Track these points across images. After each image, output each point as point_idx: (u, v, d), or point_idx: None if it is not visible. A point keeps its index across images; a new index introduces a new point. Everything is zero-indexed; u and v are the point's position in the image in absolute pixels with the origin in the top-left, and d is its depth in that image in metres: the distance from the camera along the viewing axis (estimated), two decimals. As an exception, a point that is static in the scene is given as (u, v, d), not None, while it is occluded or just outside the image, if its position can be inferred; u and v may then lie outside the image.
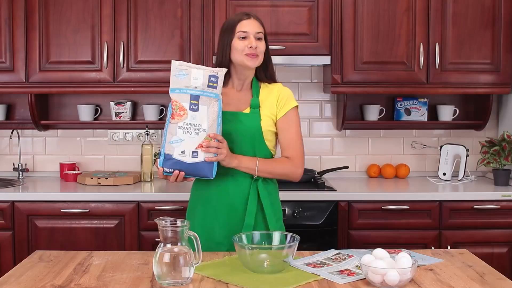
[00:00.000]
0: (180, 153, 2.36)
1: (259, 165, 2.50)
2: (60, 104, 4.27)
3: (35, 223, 3.62)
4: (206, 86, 2.36)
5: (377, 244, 3.43)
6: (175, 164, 2.37)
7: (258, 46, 2.54)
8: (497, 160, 3.92)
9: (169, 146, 2.36)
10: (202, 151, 2.36)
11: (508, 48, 3.96)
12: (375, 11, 3.91)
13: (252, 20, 2.57)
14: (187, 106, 2.35)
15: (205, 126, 2.36)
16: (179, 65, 2.38)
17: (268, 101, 2.58)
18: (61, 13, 3.88)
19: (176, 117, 2.35)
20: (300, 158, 2.59)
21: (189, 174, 2.39)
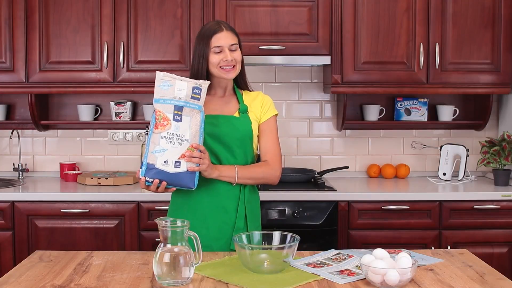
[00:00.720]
0: (163, 163, 2.36)
1: (238, 173, 2.53)
2: (60, 104, 4.27)
3: (35, 223, 3.62)
4: (189, 98, 2.37)
5: (377, 244, 3.44)
6: (158, 174, 2.36)
7: (234, 57, 2.57)
8: (497, 160, 3.92)
9: (151, 155, 2.36)
10: (185, 161, 2.37)
11: (508, 48, 3.96)
12: (375, 11, 3.91)
13: (225, 32, 2.57)
14: (170, 117, 2.36)
15: (188, 136, 2.36)
16: (164, 76, 2.39)
17: (253, 106, 2.65)
18: (61, 13, 3.88)
19: (160, 127, 2.36)
20: (278, 162, 2.64)
21: (171, 184, 2.39)
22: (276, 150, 2.65)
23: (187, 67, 3.86)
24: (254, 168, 2.58)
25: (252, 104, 2.65)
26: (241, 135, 2.57)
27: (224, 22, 2.64)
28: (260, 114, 2.65)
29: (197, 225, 2.50)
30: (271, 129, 2.66)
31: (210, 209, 2.56)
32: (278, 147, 2.66)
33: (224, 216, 2.55)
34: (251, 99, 2.67)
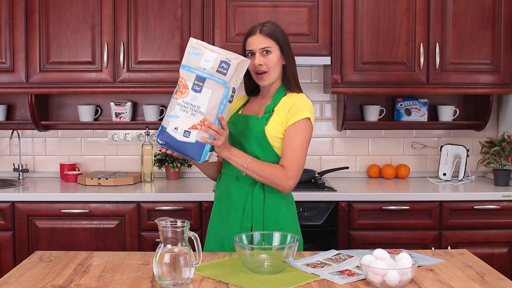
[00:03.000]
0: (173, 129, 2.35)
1: (249, 163, 2.45)
2: (60, 104, 4.27)
3: (35, 224, 3.62)
4: (215, 71, 2.33)
5: (377, 244, 3.44)
6: (167, 138, 2.37)
7: (265, 62, 2.53)
8: (497, 161, 3.92)
9: (166, 119, 2.36)
10: (196, 132, 2.33)
11: (508, 48, 3.96)
12: (375, 11, 3.91)
13: (257, 36, 2.56)
14: (190, 85, 2.33)
15: (204, 109, 2.32)
16: (196, 44, 2.36)
17: (281, 108, 2.54)
18: (61, 13, 3.88)
19: (178, 93, 2.34)
20: (294, 171, 2.47)
21: (178, 151, 2.38)
22: (295, 157, 2.47)
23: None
24: (266, 167, 2.47)
25: (282, 106, 2.54)
26: (255, 136, 2.51)
27: (265, 24, 2.59)
28: (286, 116, 2.52)
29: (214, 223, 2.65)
30: (296, 134, 2.50)
31: (225, 208, 2.58)
32: (298, 154, 2.48)
33: (235, 215, 2.55)
34: (287, 101, 2.55)
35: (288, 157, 2.48)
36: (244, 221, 2.53)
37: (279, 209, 2.56)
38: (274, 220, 2.53)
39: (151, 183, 4.04)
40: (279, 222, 2.54)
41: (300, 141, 2.49)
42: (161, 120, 4.16)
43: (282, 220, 2.55)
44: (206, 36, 3.86)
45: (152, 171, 4.11)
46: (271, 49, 2.55)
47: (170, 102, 2.37)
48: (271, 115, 2.53)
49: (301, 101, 2.54)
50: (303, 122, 2.50)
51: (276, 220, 2.54)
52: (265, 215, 2.53)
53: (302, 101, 2.54)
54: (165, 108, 4.18)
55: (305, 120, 2.51)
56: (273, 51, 2.55)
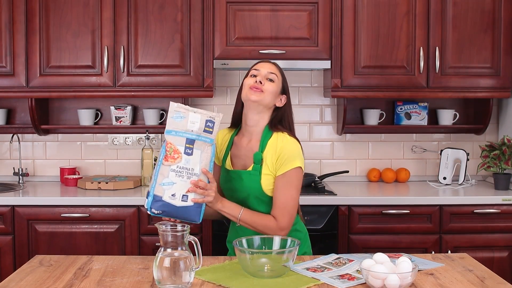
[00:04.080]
0: (170, 196, 2.30)
1: (242, 215, 2.42)
2: (61, 108, 4.27)
3: (36, 228, 3.62)
4: (202, 131, 2.32)
5: (378, 248, 3.44)
6: (164, 206, 2.30)
7: (266, 85, 2.51)
8: (497, 164, 3.92)
9: (159, 188, 2.30)
10: (190, 191, 2.32)
11: (508, 52, 3.96)
12: (375, 15, 3.91)
13: (269, 64, 2.59)
14: (182, 150, 2.31)
15: (197, 170, 2.31)
16: (177, 107, 2.34)
17: (270, 157, 2.49)
18: (62, 17, 3.88)
19: (170, 160, 2.30)
20: (286, 222, 2.44)
21: (177, 217, 2.33)
22: (287, 208, 2.44)
23: (187, 72, 3.87)
24: (258, 219, 2.44)
25: (269, 154, 2.49)
26: (254, 194, 2.49)
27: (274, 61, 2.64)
28: (275, 167, 2.48)
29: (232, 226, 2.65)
30: (286, 184, 2.46)
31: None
32: (290, 205, 2.45)
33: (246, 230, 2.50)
34: (273, 146, 2.50)
35: (279, 208, 2.45)
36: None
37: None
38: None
39: (151, 187, 4.03)
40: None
41: (291, 192, 2.46)
42: (161, 124, 4.16)
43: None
44: (206, 40, 3.86)
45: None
46: (276, 79, 2.54)
47: (160, 169, 2.30)
48: (261, 165, 2.49)
49: (290, 148, 2.49)
50: (294, 171, 2.47)
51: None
52: None
53: (290, 148, 2.49)
54: (165, 112, 4.18)
55: (296, 170, 2.47)
56: (276, 82, 2.54)
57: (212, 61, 3.86)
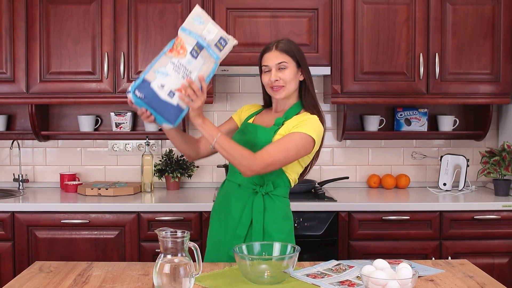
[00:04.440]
0: (159, 85, 2.28)
1: (219, 137, 2.40)
2: (61, 114, 4.27)
3: (35, 234, 3.62)
4: (213, 44, 2.33)
5: (378, 254, 3.44)
6: (149, 93, 2.28)
7: (280, 77, 2.55)
8: (497, 170, 3.92)
9: (152, 73, 2.28)
10: (179, 93, 2.29)
11: (507, 58, 3.96)
12: (375, 21, 3.92)
13: (273, 52, 2.59)
14: (189, 48, 2.30)
15: (194, 76, 2.31)
16: (201, 12, 2.35)
17: (290, 124, 2.53)
18: (62, 23, 3.89)
19: (174, 52, 2.30)
20: (262, 164, 2.41)
21: (155, 110, 2.31)
22: (273, 154, 2.42)
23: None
24: (237, 146, 2.43)
25: (292, 121, 2.54)
26: (259, 146, 2.50)
27: (281, 41, 2.62)
28: (290, 129, 2.51)
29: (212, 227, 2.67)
30: (285, 138, 2.47)
31: (224, 214, 2.60)
32: (278, 154, 2.43)
33: (231, 222, 2.57)
34: (297, 118, 2.55)
35: (263, 152, 2.44)
36: (240, 229, 2.54)
37: (275, 222, 2.56)
38: (268, 232, 2.54)
39: (151, 193, 4.04)
40: (272, 235, 2.54)
41: (284, 147, 2.45)
42: (161, 130, 4.16)
43: (275, 233, 2.55)
44: (206, 47, 3.86)
45: (152, 181, 4.11)
46: (287, 64, 2.57)
47: (160, 59, 2.30)
48: (279, 128, 2.54)
49: (311, 121, 2.52)
50: (300, 134, 2.47)
51: (270, 232, 2.54)
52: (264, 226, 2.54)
53: (311, 121, 2.52)
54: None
55: (303, 134, 2.47)
56: (289, 66, 2.57)
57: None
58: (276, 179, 2.56)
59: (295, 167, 2.58)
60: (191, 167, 4.16)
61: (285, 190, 2.62)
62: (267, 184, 2.55)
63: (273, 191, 2.56)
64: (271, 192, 2.56)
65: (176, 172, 4.09)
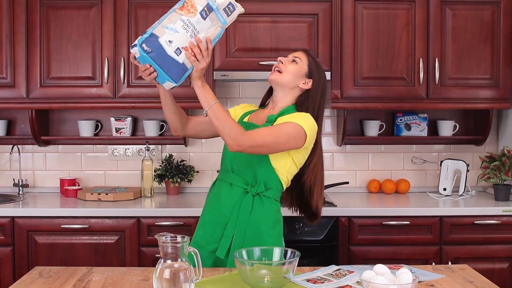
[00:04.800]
0: (167, 41, 2.27)
1: (215, 104, 2.37)
2: (61, 119, 4.27)
3: (35, 239, 3.61)
4: (222, 8, 2.34)
5: (378, 259, 3.43)
6: (156, 47, 2.27)
7: (285, 63, 2.58)
8: (497, 175, 3.92)
9: (161, 29, 2.28)
10: (186, 53, 2.29)
11: (507, 63, 3.97)
12: (375, 26, 3.93)
13: (297, 51, 2.67)
14: (199, 8, 2.31)
15: (202, 37, 2.32)
16: None
17: (283, 120, 2.52)
18: (62, 28, 3.89)
19: (185, 10, 2.30)
20: (249, 141, 2.38)
21: (160, 66, 2.29)
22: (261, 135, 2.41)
23: (187, 83, 3.87)
24: (229, 117, 2.39)
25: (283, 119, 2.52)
26: None
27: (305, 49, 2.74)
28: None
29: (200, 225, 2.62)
30: (278, 126, 2.46)
31: (213, 212, 2.58)
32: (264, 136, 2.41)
33: (220, 220, 2.55)
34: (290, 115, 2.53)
35: (258, 130, 2.45)
36: (228, 229, 2.52)
37: (264, 224, 2.54)
38: (256, 233, 2.52)
39: (151, 199, 4.04)
40: (260, 237, 2.52)
41: (280, 132, 2.43)
42: (161, 135, 4.17)
43: (264, 236, 2.53)
44: (206, 52, 3.86)
45: (152, 187, 4.10)
46: (299, 61, 2.60)
47: (170, 15, 2.30)
48: (272, 124, 2.53)
49: (304, 116, 2.51)
50: (295, 125, 2.45)
51: (258, 234, 2.52)
52: (249, 227, 2.51)
53: (304, 116, 2.51)
54: (165, 124, 4.19)
55: (293, 124, 2.45)
56: (299, 64, 2.60)
57: (212, 72, 3.87)
58: (268, 180, 2.54)
59: (289, 166, 2.55)
60: (191, 172, 4.16)
61: (277, 193, 2.59)
62: (259, 184, 2.53)
63: (264, 192, 2.54)
64: (262, 193, 2.54)
65: (176, 177, 4.09)
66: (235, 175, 2.56)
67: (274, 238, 2.57)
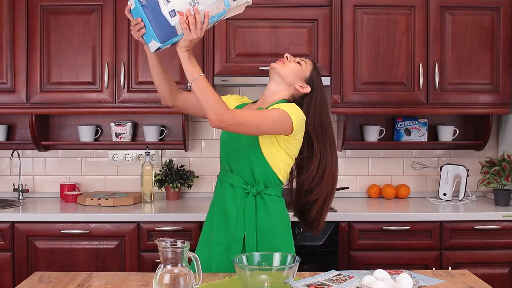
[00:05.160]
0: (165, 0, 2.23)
1: (200, 77, 2.33)
2: (61, 124, 4.28)
3: (35, 244, 3.61)
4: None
5: (378, 264, 3.43)
6: (151, 2, 2.22)
7: (291, 62, 2.60)
8: (497, 180, 3.92)
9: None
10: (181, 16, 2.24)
11: (506, 68, 3.97)
12: (375, 32, 3.93)
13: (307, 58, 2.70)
14: None
15: (201, 8, 2.27)
16: None
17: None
18: (62, 34, 3.90)
19: None
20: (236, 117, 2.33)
21: (151, 22, 2.23)
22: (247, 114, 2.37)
23: (188, 88, 3.88)
24: (213, 92, 2.33)
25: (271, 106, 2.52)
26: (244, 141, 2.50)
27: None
28: None
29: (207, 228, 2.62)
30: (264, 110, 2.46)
31: (217, 214, 2.58)
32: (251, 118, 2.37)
33: (227, 223, 2.55)
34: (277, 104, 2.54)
35: (243, 110, 2.45)
36: (237, 231, 2.52)
37: (271, 222, 2.54)
38: (265, 232, 2.52)
39: (151, 204, 4.04)
40: (268, 235, 2.52)
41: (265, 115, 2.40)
42: (161, 140, 4.17)
43: (273, 233, 2.53)
44: (206, 57, 3.87)
45: (152, 192, 4.10)
46: (303, 64, 2.63)
47: None
48: None
49: (291, 105, 2.49)
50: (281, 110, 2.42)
51: (266, 232, 2.52)
52: (258, 229, 2.52)
53: (291, 105, 2.49)
54: (165, 129, 4.20)
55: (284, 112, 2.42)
56: (302, 66, 2.62)
57: (212, 77, 3.87)
58: (266, 177, 2.53)
59: (283, 158, 2.53)
60: (191, 177, 4.16)
61: (278, 189, 2.58)
62: (258, 183, 2.52)
63: (264, 190, 2.53)
64: (263, 192, 2.53)
65: (176, 182, 4.09)
66: (235, 175, 2.56)
67: (282, 234, 2.57)
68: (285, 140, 2.49)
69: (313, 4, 3.92)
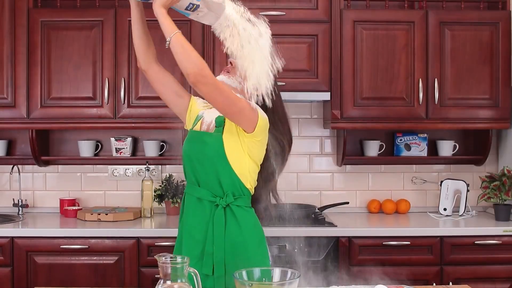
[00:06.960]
0: None
1: (179, 33, 2.33)
2: (61, 139, 4.28)
3: (35, 259, 3.60)
4: None
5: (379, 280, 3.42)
6: None
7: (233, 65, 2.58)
8: (497, 195, 3.91)
9: None
10: None
11: (506, 83, 3.98)
12: (374, 47, 3.94)
13: None
14: None
15: None
16: None
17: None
18: (63, 49, 3.91)
19: None
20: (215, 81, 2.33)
21: None
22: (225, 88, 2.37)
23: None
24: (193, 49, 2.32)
25: None
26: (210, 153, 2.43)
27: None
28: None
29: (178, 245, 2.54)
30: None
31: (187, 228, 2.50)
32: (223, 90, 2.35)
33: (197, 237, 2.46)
34: None
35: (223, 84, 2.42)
36: (207, 246, 2.45)
37: (241, 234, 2.46)
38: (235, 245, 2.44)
39: (151, 219, 4.03)
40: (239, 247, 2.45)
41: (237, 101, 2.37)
42: (161, 155, 4.17)
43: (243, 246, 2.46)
44: (207, 72, 3.88)
45: (152, 207, 4.10)
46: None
47: None
48: (223, 127, 2.45)
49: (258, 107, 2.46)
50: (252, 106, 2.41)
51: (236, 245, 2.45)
52: (227, 242, 2.44)
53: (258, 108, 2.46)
54: (165, 144, 4.20)
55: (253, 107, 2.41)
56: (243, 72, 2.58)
57: (212, 92, 3.87)
58: (235, 188, 2.46)
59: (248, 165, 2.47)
60: (191, 192, 4.15)
61: (246, 200, 2.51)
62: (227, 195, 2.45)
63: (233, 202, 2.46)
64: (232, 204, 2.46)
65: (176, 197, 4.08)
66: (202, 189, 2.48)
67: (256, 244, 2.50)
68: (248, 141, 2.43)
69: (313, 20, 3.93)
